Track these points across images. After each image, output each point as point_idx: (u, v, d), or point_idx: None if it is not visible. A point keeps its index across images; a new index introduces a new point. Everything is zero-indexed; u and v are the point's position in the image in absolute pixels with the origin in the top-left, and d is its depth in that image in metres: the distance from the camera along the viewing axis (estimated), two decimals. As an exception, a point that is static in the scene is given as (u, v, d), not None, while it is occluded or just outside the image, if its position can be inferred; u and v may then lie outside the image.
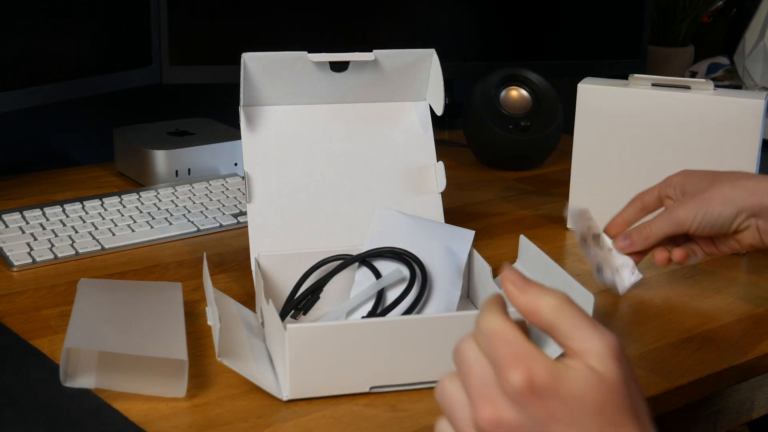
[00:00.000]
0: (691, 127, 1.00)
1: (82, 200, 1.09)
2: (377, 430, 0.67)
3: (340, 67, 0.88)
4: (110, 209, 1.07)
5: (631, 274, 0.88)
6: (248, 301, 0.85)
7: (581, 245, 0.91)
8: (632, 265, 0.89)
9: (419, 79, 0.91)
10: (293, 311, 0.81)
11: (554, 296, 0.51)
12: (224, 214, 1.08)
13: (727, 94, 1.00)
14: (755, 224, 0.84)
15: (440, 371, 0.71)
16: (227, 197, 1.13)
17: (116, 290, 0.84)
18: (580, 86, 1.04)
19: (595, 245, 0.90)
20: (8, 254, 0.95)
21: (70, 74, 1.13)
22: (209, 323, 0.78)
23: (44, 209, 1.05)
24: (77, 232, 1.01)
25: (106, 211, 1.07)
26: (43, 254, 0.96)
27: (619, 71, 1.34)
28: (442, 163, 0.92)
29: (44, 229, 1.01)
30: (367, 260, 0.84)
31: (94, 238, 1.00)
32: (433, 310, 0.81)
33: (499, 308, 0.52)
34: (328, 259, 0.84)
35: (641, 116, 1.02)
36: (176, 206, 1.09)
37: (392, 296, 0.81)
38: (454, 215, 1.02)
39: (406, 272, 0.82)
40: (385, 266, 0.84)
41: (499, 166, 1.34)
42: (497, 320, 0.51)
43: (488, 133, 1.30)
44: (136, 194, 1.11)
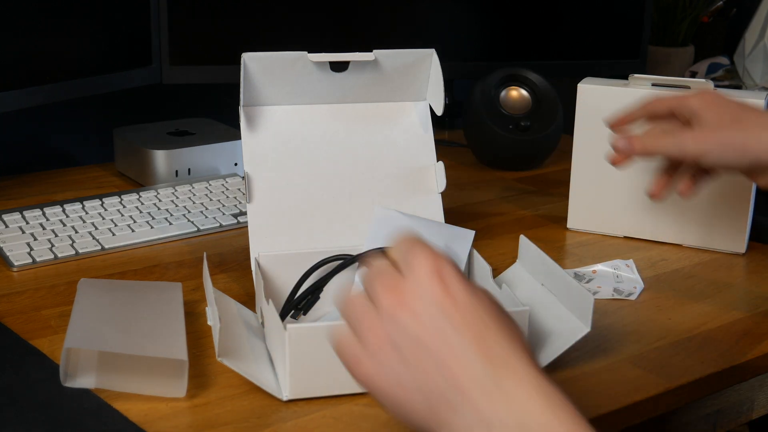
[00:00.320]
0: (691, 127, 0.99)
1: (82, 200, 1.09)
2: (377, 430, 0.67)
3: (340, 67, 0.88)
4: (110, 209, 1.07)
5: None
6: (248, 301, 0.85)
7: None
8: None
9: (419, 79, 0.91)
10: (293, 311, 0.81)
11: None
12: (224, 214, 1.08)
13: (726, 94, 0.99)
14: None
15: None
16: (227, 197, 1.13)
17: (116, 290, 0.84)
18: (580, 86, 1.04)
19: None
20: (8, 254, 0.95)
21: (70, 74, 1.13)
22: (209, 323, 0.78)
23: (44, 209, 1.05)
24: (77, 232, 1.01)
25: (106, 211, 1.07)
26: (43, 254, 0.96)
27: (619, 71, 1.34)
28: (442, 163, 0.92)
29: (44, 229, 1.01)
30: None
31: (94, 238, 1.00)
32: (433, 310, 0.81)
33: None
34: (328, 259, 0.84)
35: (641, 116, 1.01)
36: (176, 206, 1.09)
37: (392, 296, 0.81)
38: (454, 215, 1.02)
39: None
40: (385, 266, 0.84)
41: (499, 166, 1.34)
42: (407, 237, 0.59)
43: (488, 133, 1.30)
44: (136, 194, 1.11)
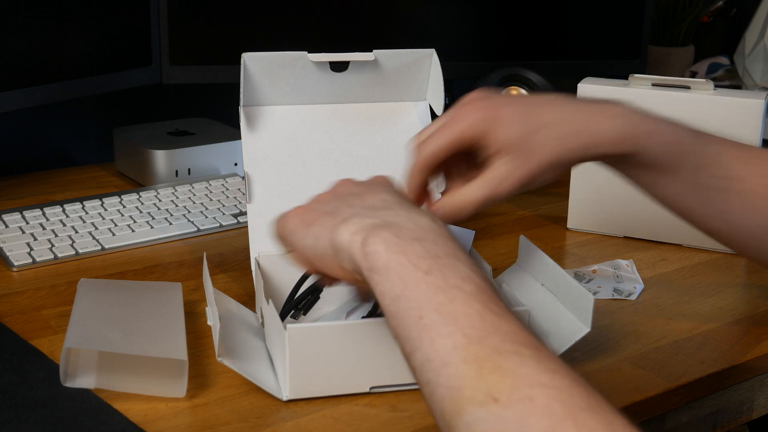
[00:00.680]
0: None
1: (82, 200, 1.09)
2: (377, 430, 0.67)
3: (340, 67, 0.88)
4: (110, 209, 1.07)
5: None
6: (248, 301, 0.85)
7: None
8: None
9: (419, 79, 0.91)
10: (293, 311, 0.81)
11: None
12: (224, 214, 1.08)
13: (727, 94, 1.00)
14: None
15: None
16: (227, 197, 1.13)
17: (116, 290, 0.84)
18: (580, 86, 1.04)
19: None
20: (8, 254, 0.95)
21: (70, 74, 1.13)
22: (209, 323, 0.78)
23: (44, 209, 1.05)
24: (77, 232, 1.01)
25: (106, 211, 1.07)
26: (43, 254, 0.96)
27: (619, 71, 1.34)
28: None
29: (44, 229, 1.01)
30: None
31: (94, 238, 1.00)
32: (433, 310, 0.81)
33: None
34: (328, 259, 0.84)
35: (641, 116, 1.01)
36: (176, 206, 1.09)
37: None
38: (454, 215, 1.02)
39: None
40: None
41: (499, 166, 1.33)
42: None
43: (488, 133, 1.30)
44: (136, 194, 1.11)
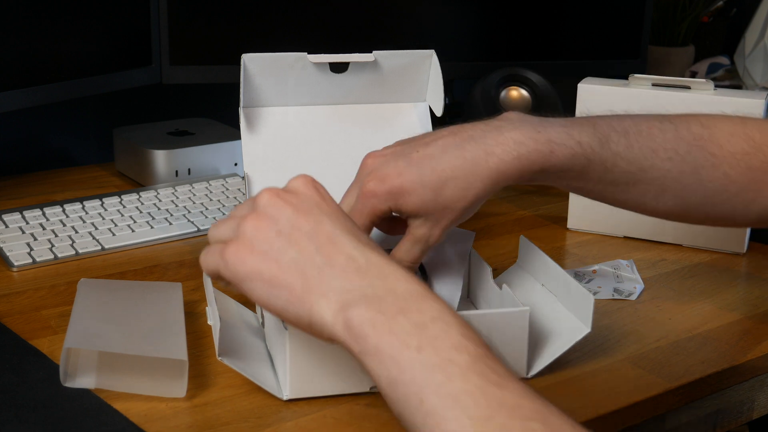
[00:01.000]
0: (691, 127, 0.99)
1: (82, 200, 1.09)
2: (378, 430, 0.67)
3: (339, 68, 0.88)
4: (110, 209, 1.07)
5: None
6: (248, 301, 0.85)
7: None
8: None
9: (419, 80, 0.91)
10: None
11: None
12: (224, 214, 1.08)
13: (727, 94, 1.00)
14: None
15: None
16: (227, 197, 1.13)
17: (116, 290, 0.84)
18: (580, 86, 1.04)
19: None
20: (8, 254, 0.95)
21: (70, 74, 1.13)
22: (209, 323, 0.78)
23: (44, 209, 1.05)
24: (77, 232, 1.01)
25: (106, 211, 1.07)
26: (43, 254, 0.96)
27: (619, 71, 1.34)
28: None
29: (44, 229, 1.01)
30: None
31: (94, 238, 1.00)
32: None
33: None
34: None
35: (641, 116, 1.01)
36: (176, 206, 1.09)
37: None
38: (454, 215, 1.02)
39: None
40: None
41: (499, 166, 1.33)
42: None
43: (488, 133, 1.30)
44: (136, 194, 1.11)
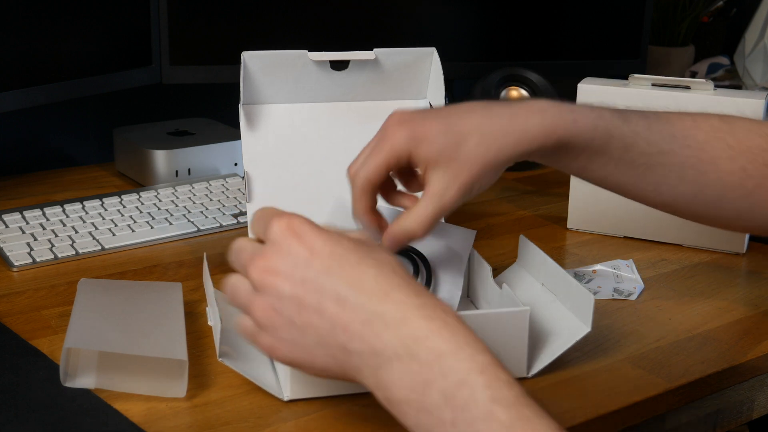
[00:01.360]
0: (691, 127, 0.99)
1: (82, 200, 1.09)
2: (377, 430, 0.67)
3: (340, 65, 0.88)
4: (110, 209, 1.07)
5: None
6: (248, 301, 0.85)
7: None
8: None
9: (420, 77, 0.91)
10: None
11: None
12: (224, 214, 1.08)
13: (727, 94, 1.00)
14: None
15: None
16: (227, 197, 1.13)
17: (116, 290, 0.84)
18: (580, 86, 1.04)
19: None
20: (8, 254, 0.95)
21: (70, 74, 1.13)
22: (209, 323, 0.78)
23: (44, 209, 1.05)
24: (77, 232, 1.01)
25: (106, 211, 1.07)
26: (43, 254, 0.96)
27: (619, 71, 1.34)
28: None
29: (44, 229, 1.01)
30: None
31: (94, 238, 1.00)
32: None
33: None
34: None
35: (641, 116, 1.01)
36: (176, 206, 1.09)
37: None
38: (454, 215, 1.01)
39: (409, 267, 0.82)
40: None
41: (499, 166, 1.33)
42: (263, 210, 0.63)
43: (488, 133, 1.29)
44: (136, 194, 1.11)
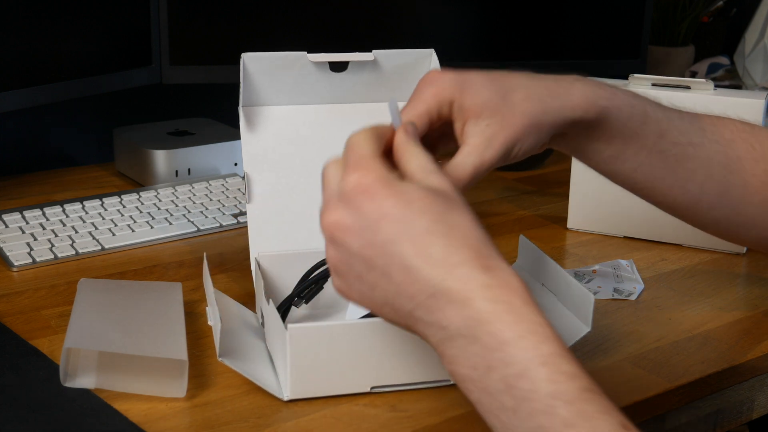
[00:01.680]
0: (691, 127, 0.99)
1: (82, 200, 1.09)
2: (377, 430, 0.67)
3: (339, 67, 0.88)
4: (110, 209, 1.07)
5: None
6: (248, 301, 0.85)
7: None
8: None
9: (418, 79, 0.91)
10: (296, 299, 0.80)
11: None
12: (224, 214, 1.08)
13: (727, 94, 1.00)
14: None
15: (441, 371, 0.71)
16: (227, 197, 1.13)
17: (116, 290, 0.84)
18: (580, 86, 1.04)
19: None
20: (8, 254, 0.95)
21: (70, 74, 1.13)
22: (209, 323, 0.78)
23: (44, 209, 1.05)
24: (77, 232, 1.01)
25: (106, 211, 1.07)
26: (43, 254, 0.96)
27: (619, 71, 1.34)
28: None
29: (44, 229, 1.01)
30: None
31: (94, 238, 1.00)
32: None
33: (368, 129, 0.60)
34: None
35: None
36: (176, 206, 1.09)
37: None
38: (454, 215, 1.02)
39: None
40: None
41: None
42: (358, 134, 0.59)
43: (488, 133, 1.29)
44: (136, 194, 1.11)
